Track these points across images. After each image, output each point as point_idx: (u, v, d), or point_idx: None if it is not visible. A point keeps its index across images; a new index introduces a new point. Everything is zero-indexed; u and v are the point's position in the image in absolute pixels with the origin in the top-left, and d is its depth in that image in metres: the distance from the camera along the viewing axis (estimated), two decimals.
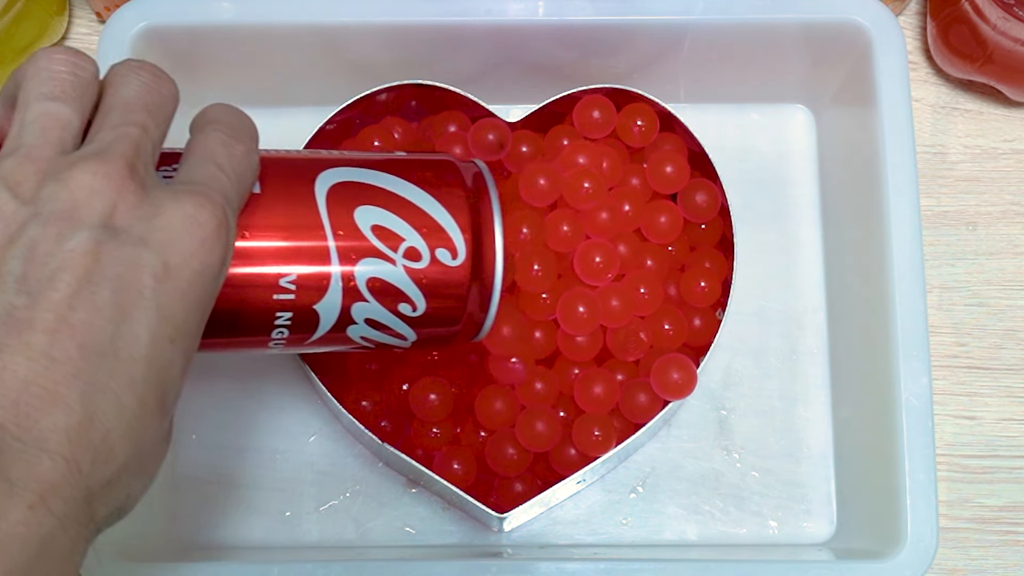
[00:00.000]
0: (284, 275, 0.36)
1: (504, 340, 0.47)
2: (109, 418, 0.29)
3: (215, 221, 0.31)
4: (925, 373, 0.46)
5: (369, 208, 0.38)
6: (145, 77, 0.33)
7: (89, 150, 0.30)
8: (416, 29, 0.50)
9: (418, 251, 0.39)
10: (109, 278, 0.29)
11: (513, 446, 0.47)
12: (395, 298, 0.39)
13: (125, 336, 0.29)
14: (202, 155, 0.33)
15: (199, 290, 0.31)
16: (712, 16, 0.50)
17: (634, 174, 0.51)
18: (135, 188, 0.30)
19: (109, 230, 0.29)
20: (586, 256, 0.48)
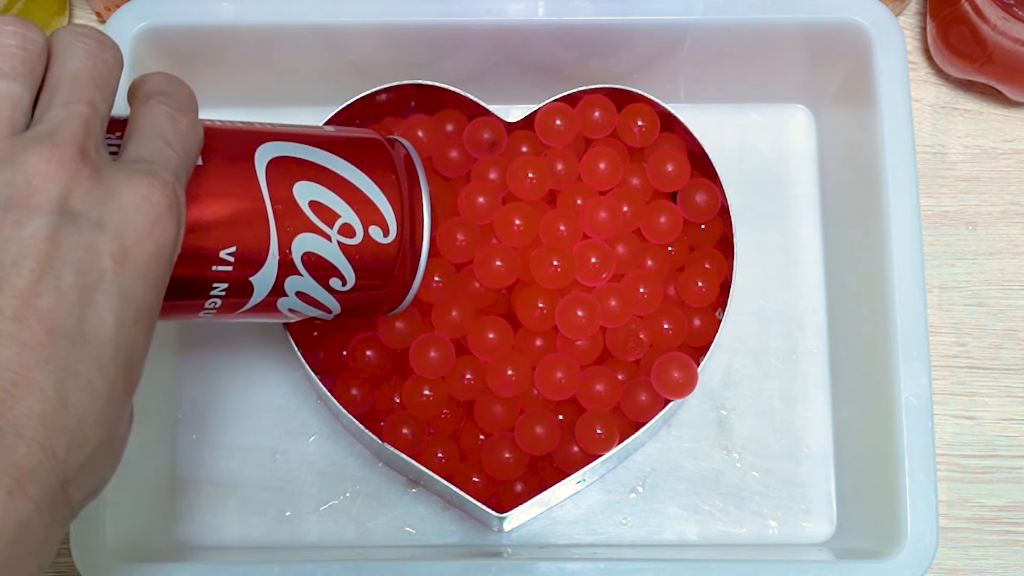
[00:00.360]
0: (224, 247, 0.37)
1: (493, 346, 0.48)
2: (82, 402, 0.29)
3: (167, 200, 0.31)
4: (925, 373, 0.46)
5: (307, 184, 0.39)
6: (90, 44, 0.33)
7: (40, 131, 0.30)
8: (416, 29, 0.50)
9: (352, 228, 0.40)
10: (71, 263, 0.29)
11: (509, 450, 0.47)
12: (328, 272, 0.40)
13: (91, 320, 0.29)
14: (149, 130, 0.33)
15: (156, 270, 0.31)
16: (712, 16, 0.50)
17: (634, 174, 0.51)
18: (88, 172, 0.30)
19: (66, 215, 0.29)
20: (582, 256, 0.48)
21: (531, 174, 0.49)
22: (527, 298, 0.48)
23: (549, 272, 0.48)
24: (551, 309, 0.48)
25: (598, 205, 0.49)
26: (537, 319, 0.48)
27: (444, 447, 0.48)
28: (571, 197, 0.50)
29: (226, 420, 0.52)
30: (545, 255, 0.48)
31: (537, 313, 0.48)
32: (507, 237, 0.49)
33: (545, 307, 0.48)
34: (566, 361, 0.48)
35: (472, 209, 0.49)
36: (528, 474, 0.48)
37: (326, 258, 0.39)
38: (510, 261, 0.48)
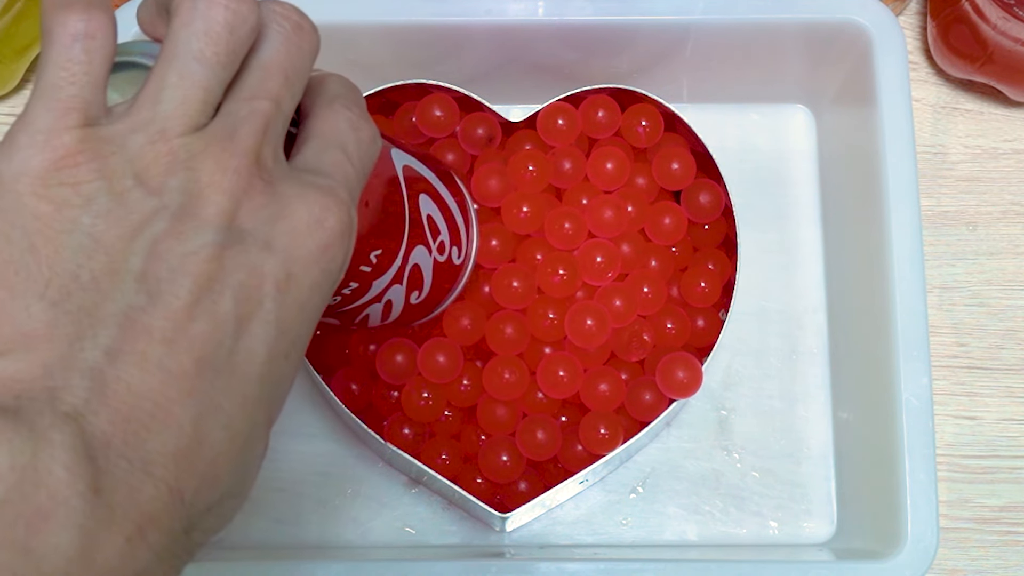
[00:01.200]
0: (373, 249, 0.36)
1: (508, 340, 0.48)
2: (219, 441, 0.26)
3: (340, 225, 0.28)
4: (925, 373, 0.46)
5: (426, 198, 0.39)
6: (286, 29, 0.29)
7: (219, 130, 0.27)
8: (416, 29, 0.50)
9: (445, 246, 0.40)
10: (231, 286, 0.26)
11: (507, 453, 0.47)
12: (417, 285, 0.39)
13: (243, 351, 0.27)
14: (330, 138, 0.30)
15: (317, 299, 0.28)
16: (712, 16, 0.50)
17: (638, 174, 0.51)
18: (262, 185, 0.28)
19: (234, 232, 0.27)
20: (587, 256, 0.48)
21: (531, 167, 0.49)
22: (536, 309, 0.48)
23: (555, 281, 0.48)
24: (561, 319, 0.48)
25: (604, 204, 0.49)
26: (547, 329, 0.48)
27: (447, 448, 0.48)
28: (577, 196, 0.50)
29: None
30: (551, 263, 0.48)
31: (547, 323, 0.48)
32: (514, 224, 0.49)
33: (556, 317, 0.48)
34: (568, 359, 0.48)
35: (482, 191, 0.49)
36: (531, 474, 0.48)
37: (423, 272, 0.39)
38: (526, 280, 0.48)
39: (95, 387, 0.25)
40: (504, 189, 0.49)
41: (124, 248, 0.26)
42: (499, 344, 0.48)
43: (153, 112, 0.27)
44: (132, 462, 0.25)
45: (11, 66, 0.54)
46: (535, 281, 0.48)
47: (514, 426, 0.48)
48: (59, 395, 0.24)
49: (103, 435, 0.25)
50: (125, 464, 0.25)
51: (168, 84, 0.27)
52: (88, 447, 0.24)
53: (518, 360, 0.48)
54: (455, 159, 0.50)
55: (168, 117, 0.27)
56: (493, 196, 0.49)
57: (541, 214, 0.49)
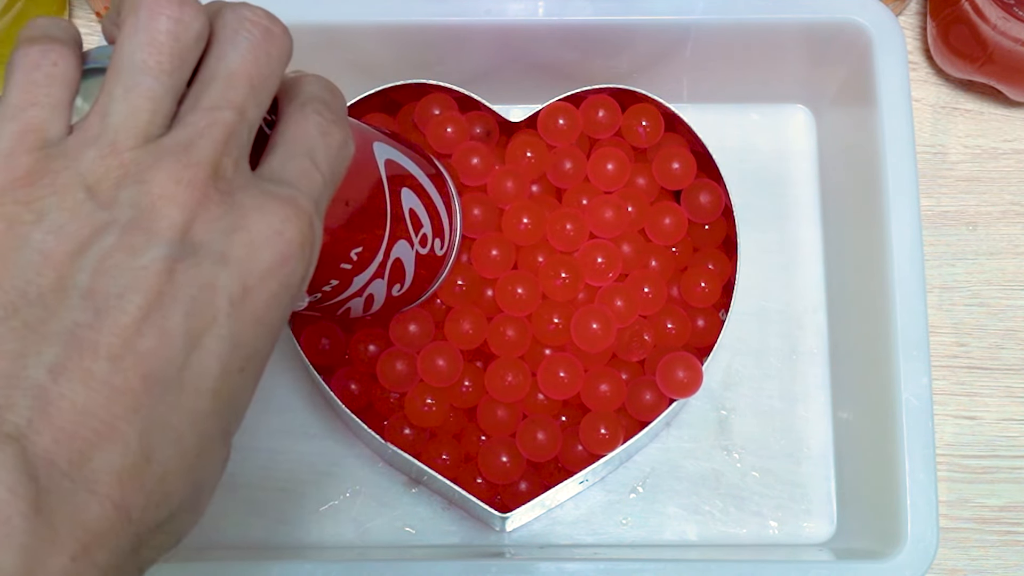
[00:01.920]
0: (355, 247, 0.35)
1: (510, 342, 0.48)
2: (168, 458, 0.26)
3: (300, 237, 0.28)
4: (925, 373, 0.46)
5: (408, 191, 0.38)
6: (254, 35, 0.29)
7: (175, 141, 0.27)
8: (416, 29, 0.50)
9: (427, 238, 0.40)
10: (182, 300, 0.26)
11: (507, 454, 0.47)
12: (398, 279, 0.39)
13: (194, 367, 0.26)
14: (298, 144, 0.29)
15: (275, 312, 0.28)
16: (712, 16, 0.50)
17: (639, 174, 0.51)
18: (218, 197, 0.27)
19: (187, 245, 0.26)
20: (588, 256, 0.48)
21: (529, 153, 0.50)
22: (540, 314, 0.48)
23: (558, 284, 0.48)
24: (565, 323, 0.48)
25: (604, 204, 0.49)
26: (551, 333, 0.48)
27: (447, 448, 0.48)
28: (577, 197, 0.50)
29: None
30: (552, 267, 0.48)
31: (551, 328, 0.48)
32: (515, 235, 0.49)
33: (560, 322, 0.48)
34: (569, 360, 0.48)
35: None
36: (531, 474, 0.48)
37: (405, 265, 0.39)
38: (531, 287, 0.48)
39: (38, 405, 0.25)
40: (487, 168, 0.49)
41: (72, 263, 0.26)
42: (501, 347, 0.48)
43: (103, 125, 0.27)
44: (76, 481, 0.24)
45: None
46: (539, 287, 0.48)
47: (515, 427, 0.48)
48: (1, 415, 0.24)
49: (46, 453, 0.24)
50: (68, 483, 0.24)
51: (115, 97, 0.27)
52: (30, 466, 0.24)
53: (520, 363, 0.48)
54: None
55: (117, 130, 0.27)
56: (477, 175, 0.49)
57: (542, 224, 0.49)
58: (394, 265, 0.38)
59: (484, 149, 0.50)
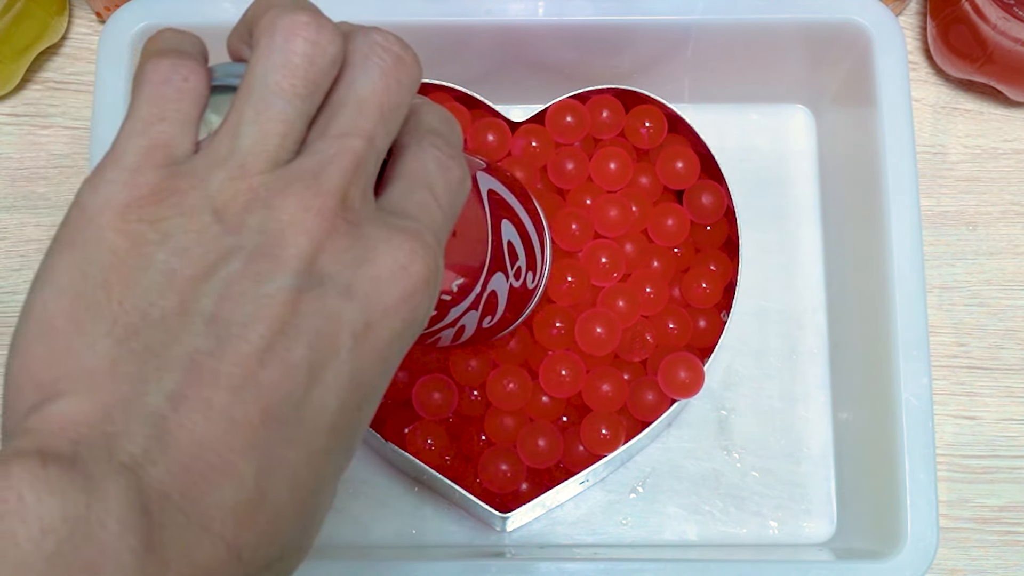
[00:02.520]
0: (456, 279, 0.35)
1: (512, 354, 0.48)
2: (282, 496, 0.25)
3: (426, 272, 0.27)
4: (925, 373, 0.46)
5: (507, 223, 0.38)
6: (386, 62, 0.28)
7: (305, 168, 0.26)
8: (416, 29, 0.50)
9: (521, 271, 0.39)
10: (306, 332, 0.25)
11: (507, 462, 0.47)
12: (490, 310, 0.38)
13: (313, 402, 0.25)
14: (419, 178, 0.28)
15: (395, 349, 0.27)
16: (712, 16, 0.50)
17: (642, 173, 0.51)
18: (346, 227, 0.26)
19: (313, 275, 0.25)
20: (593, 256, 0.48)
21: (534, 143, 0.50)
22: (543, 319, 0.48)
23: (563, 288, 0.48)
24: (569, 329, 0.48)
25: (608, 203, 0.49)
26: (555, 338, 0.48)
27: (448, 449, 0.48)
28: (580, 197, 0.50)
29: None
30: (559, 270, 0.48)
31: (555, 332, 0.48)
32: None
33: (563, 327, 0.48)
34: (570, 359, 0.48)
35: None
36: (532, 475, 0.48)
37: (499, 297, 0.38)
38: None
39: (156, 434, 0.24)
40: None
41: (196, 288, 0.25)
42: (502, 356, 0.48)
43: (233, 147, 0.26)
44: (189, 516, 0.24)
45: (11, 66, 0.54)
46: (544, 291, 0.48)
47: (520, 430, 0.48)
48: (118, 442, 0.24)
49: (160, 486, 0.24)
50: (182, 518, 0.24)
51: (246, 118, 0.26)
52: (144, 499, 0.23)
53: (519, 369, 0.48)
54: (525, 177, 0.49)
55: (247, 152, 0.26)
56: None
57: (550, 215, 0.49)
58: (489, 297, 0.38)
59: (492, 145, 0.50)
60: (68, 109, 0.56)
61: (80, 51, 0.57)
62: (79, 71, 0.57)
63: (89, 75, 0.56)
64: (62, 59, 0.57)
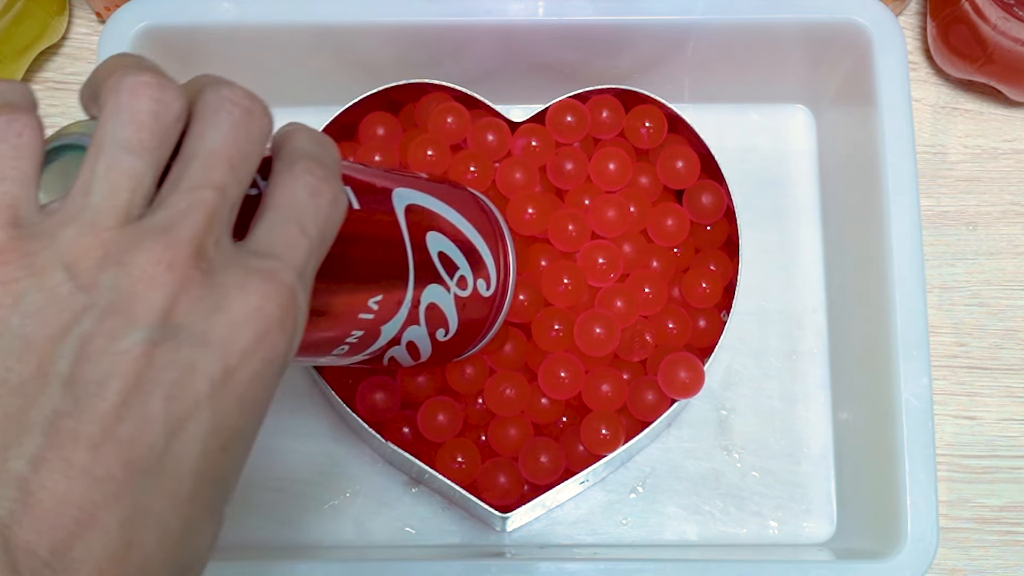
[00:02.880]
0: (373, 296, 0.35)
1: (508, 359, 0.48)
2: (150, 543, 0.26)
3: (280, 311, 0.27)
4: (925, 373, 0.46)
5: (435, 234, 0.38)
6: (235, 115, 0.29)
7: (157, 222, 0.27)
8: (415, 29, 0.50)
9: (466, 280, 0.39)
10: (162, 384, 0.26)
11: (506, 475, 0.47)
12: (439, 323, 0.39)
13: (175, 451, 0.26)
14: (285, 210, 0.29)
15: (258, 389, 0.28)
16: (712, 16, 0.50)
17: (641, 173, 0.51)
18: (200, 277, 0.27)
19: (167, 328, 0.26)
20: (590, 257, 0.48)
21: (534, 142, 0.50)
22: (542, 321, 0.48)
23: (560, 290, 0.48)
24: (568, 331, 0.48)
25: (606, 203, 0.49)
26: (553, 340, 0.48)
27: (448, 449, 0.48)
28: (579, 197, 0.50)
29: None
30: (556, 272, 0.48)
31: (553, 335, 0.48)
32: (519, 226, 0.49)
33: (561, 329, 0.48)
34: (569, 360, 0.48)
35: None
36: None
37: (442, 309, 0.39)
38: (534, 293, 0.48)
39: (20, 496, 0.25)
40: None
41: (53, 349, 0.25)
42: (499, 361, 0.48)
43: (83, 203, 0.26)
44: (56, 570, 0.24)
45: (11, 66, 0.54)
46: (541, 294, 0.48)
47: (525, 442, 0.48)
48: None
49: (27, 544, 0.24)
50: (49, 573, 0.24)
51: (96, 175, 0.27)
52: (12, 558, 0.24)
53: (517, 375, 0.48)
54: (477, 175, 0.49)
55: (98, 209, 0.26)
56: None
57: (546, 215, 0.49)
58: (429, 310, 0.38)
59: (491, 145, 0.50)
60: (68, 109, 0.56)
61: (80, 51, 0.57)
62: (79, 71, 0.57)
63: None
64: (62, 59, 0.57)
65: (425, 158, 0.49)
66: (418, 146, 0.49)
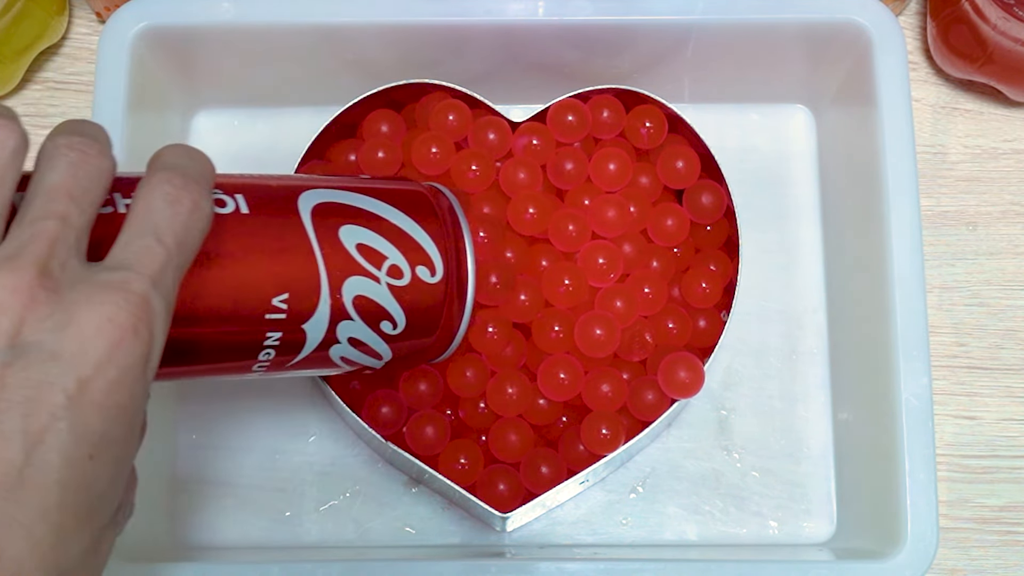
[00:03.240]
0: (276, 294, 0.36)
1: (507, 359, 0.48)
2: (20, 553, 0.27)
3: (132, 319, 0.29)
4: (925, 373, 0.46)
5: (353, 227, 0.38)
6: (72, 157, 0.31)
7: (2, 254, 0.29)
8: (417, 29, 0.50)
9: (400, 269, 0.39)
10: (17, 403, 0.27)
11: (505, 482, 0.47)
12: (379, 315, 0.39)
13: (35, 463, 0.27)
14: (140, 222, 0.31)
15: (119, 396, 0.29)
16: (712, 16, 0.50)
17: (642, 172, 0.51)
18: (46, 296, 0.28)
19: (16, 349, 0.28)
20: (589, 257, 0.48)
21: (535, 141, 0.50)
22: (542, 322, 0.48)
23: (560, 291, 0.48)
24: (568, 333, 0.47)
25: (606, 203, 0.49)
26: (553, 341, 0.48)
27: (448, 449, 0.48)
28: (579, 197, 0.50)
29: (226, 420, 0.52)
30: (557, 273, 0.48)
31: (553, 336, 0.48)
32: (520, 225, 0.49)
33: (561, 330, 0.48)
34: (568, 361, 0.48)
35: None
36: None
37: (377, 301, 0.39)
38: (534, 293, 0.48)
39: None
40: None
41: None
42: (498, 362, 0.48)
43: None
44: None
45: (11, 66, 0.54)
46: (541, 294, 0.48)
47: (525, 452, 0.48)
48: None
49: None
50: None
51: None
52: None
53: (519, 375, 0.48)
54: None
55: None
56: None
57: (547, 215, 0.49)
58: (359, 304, 0.38)
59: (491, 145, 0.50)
60: (68, 109, 0.56)
61: (80, 51, 0.57)
62: (79, 71, 0.57)
63: (89, 75, 0.56)
64: (62, 59, 0.57)
65: (429, 156, 0.49)
66: (421, 144, 0.49)
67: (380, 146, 0.50)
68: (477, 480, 0.47)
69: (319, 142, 0.50)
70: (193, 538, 0.51)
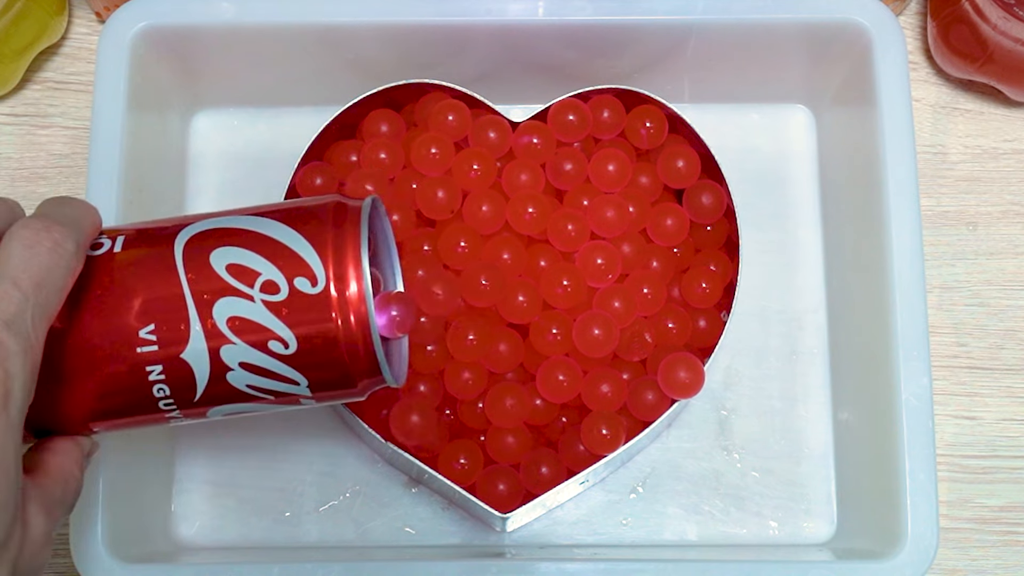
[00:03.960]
0: (142, 326, 0.36)
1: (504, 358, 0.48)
2: None
3: None
4: (925, 373, 0.46)
5: (224, 249, 0.38)
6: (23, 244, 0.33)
7: None
8: (415, 29, 0.50)
9: (276, 284, 0.37)
10: None
11: (505, 483, 0.47)
12: (262, 335, 0.37)
13: None
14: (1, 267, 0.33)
15: None
16: (712, 16, 0.50)
17: (641, 172, 0.51)
18: None
19: None
20: (588, 257, 0.48)
21: (535, 139, 0.50)
22: (540, 325, 0.48)
23: (559, 292, 0.48)
24: (566, 335, 0.47)
25: (605, 203, 0.49)
26: (551, 344, 0.48)
27: (448, 449, 0.48)
28: (578, 198, 0.50)
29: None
30: (556, 274, 0.48)
31: (551, 338, 0.47)
32: (520, 225, 0.49)
33: (559, 332, 0.47)
34: (567, 363, 0.47)
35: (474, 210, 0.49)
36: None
37: (254, 320, 0.37)
38: (532, 294, 0.48)
39: None
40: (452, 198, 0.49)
41: None
42: (497, 363, 0.48)
43: None
44: None
45: (11, 66, 0.54)
46: (540, 295, 0.48)
47: (523, 454, 0.48)
48: None
49: None
50: None
51: None
52: None
53: (517, 386, 0.48)
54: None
55: None
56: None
57: (546, 215, 0.49)
58: (235, 325, 0.37)
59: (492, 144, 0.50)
60: (68, 109, 0.56)
61: (80, 51, 0.57)
62: (79, 71, 0.57)
63: (89, 75, 0.56)
64: (62, 59, 0.57)
65: (429, 156, 0.49)
66: (421, 144, 0.49)
67: (382, 147, 0.50)
68: (477, 480, 0.47)
69: (319, 142, 0.50)
70: (193, 538, 0.51)
